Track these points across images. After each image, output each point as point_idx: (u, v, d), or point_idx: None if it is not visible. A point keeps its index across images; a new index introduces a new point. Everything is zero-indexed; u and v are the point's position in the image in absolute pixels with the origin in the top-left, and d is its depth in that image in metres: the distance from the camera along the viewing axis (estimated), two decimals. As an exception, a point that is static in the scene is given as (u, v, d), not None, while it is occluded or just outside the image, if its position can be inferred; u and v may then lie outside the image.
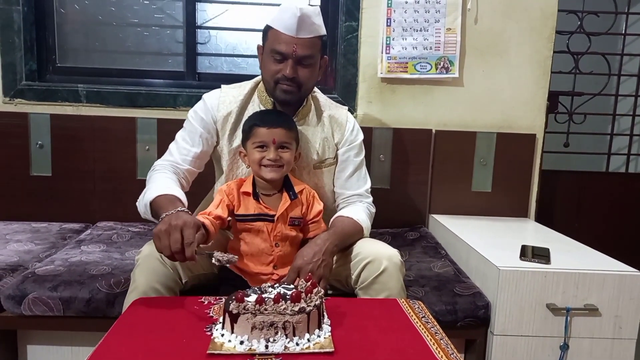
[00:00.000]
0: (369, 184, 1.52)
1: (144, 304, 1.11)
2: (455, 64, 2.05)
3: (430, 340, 0.98)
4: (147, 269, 1.20)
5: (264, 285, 1.00)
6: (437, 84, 2.09)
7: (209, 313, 1.06)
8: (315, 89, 1.50)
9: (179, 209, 1.14)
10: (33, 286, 1.40)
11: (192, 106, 2.16)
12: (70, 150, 2.02)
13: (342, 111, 1.51)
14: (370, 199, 1.51)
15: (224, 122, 1.42)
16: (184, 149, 1.42)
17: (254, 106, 1.44)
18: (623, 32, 2.48)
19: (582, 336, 1.48)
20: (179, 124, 2.00)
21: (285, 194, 1.31)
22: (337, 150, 1.48)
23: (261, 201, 1.29)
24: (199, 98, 2.15)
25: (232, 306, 0.89)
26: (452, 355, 0.92)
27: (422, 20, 2.02)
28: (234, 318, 0.89)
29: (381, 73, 2.06)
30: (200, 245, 1.09)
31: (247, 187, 1.29)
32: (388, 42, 2.04)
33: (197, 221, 1.10)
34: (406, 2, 2.01)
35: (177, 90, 2.09)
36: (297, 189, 1.33)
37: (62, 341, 1.50)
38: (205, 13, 2.19)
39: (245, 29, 2.20)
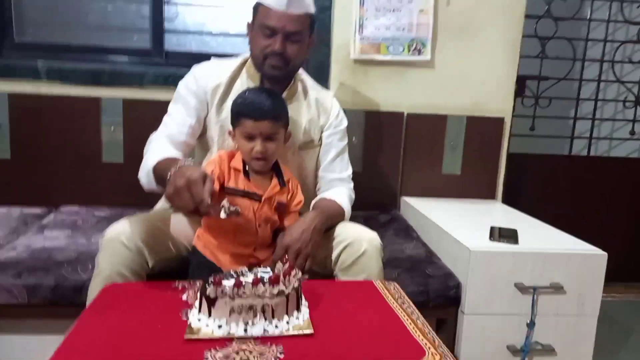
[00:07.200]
0: (350, 170, 1.54)
1: (114, 290, 1.08)
2: (428, 46, 2.05)
3: (407, 319, 0.99)
4: (112, 253, 1.17)
5: (240, 269, 0.99)
6: (410, 66, 2.09)
7: (183, 298, 1.04)
8: (302, 70, 1.49)
9: (179, 165, 1.08)
10: (-6, 273, 1.34)
11: (159, 85, 2.09)
12: (31, 131, 1.92)
13: (327, 95, 1.53)
14: (352, 184, 1.53)
15: (213, 94, 1.40)
16: (179, 120, 1.38)
17: (242, 80, 1.42)
18: (588, 17, 2.53)
19: (548, 313, 1.53)
20: (146, 104, 1.96)
21: (274, 178, 1.29)
22: (322, 133, 1.49)
23: (251, 180, 1.27)
24: (166, 77, 2.09)
25: (210, 290, 0.87)
26: (429, 334, 0.94)
27: (395, 1, 2.01)
28: (212, 302, 0.87)
29: (354, 54, 2.04)
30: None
31: (238, 164, 1.26)
32: (361, 23, 2.01)
33: (202, 171, 1.04)
34: (380, -18, 1.99)
35: (143, 68, 2.01)
36: (285, 177, 1.32)
37: (28, 330, 1.45)
38: (173, -12, 2.12)
39: (214, 5, 2.14)
